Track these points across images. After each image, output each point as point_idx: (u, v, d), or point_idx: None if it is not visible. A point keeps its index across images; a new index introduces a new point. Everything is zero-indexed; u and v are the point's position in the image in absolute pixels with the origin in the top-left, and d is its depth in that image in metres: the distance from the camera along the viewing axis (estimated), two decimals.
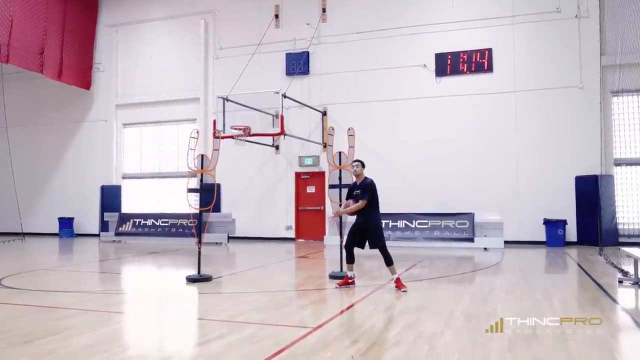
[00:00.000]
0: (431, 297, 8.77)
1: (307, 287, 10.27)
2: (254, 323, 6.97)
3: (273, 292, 9.49)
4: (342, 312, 7.90)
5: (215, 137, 11.78)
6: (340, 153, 11.33)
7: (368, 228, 9.55)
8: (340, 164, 11.30)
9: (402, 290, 9.23)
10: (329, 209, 19.70)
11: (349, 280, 9.81)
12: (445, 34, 19.60)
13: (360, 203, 9.49)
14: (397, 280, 9.43)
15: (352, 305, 8.24)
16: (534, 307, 7.73)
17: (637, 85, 16.52)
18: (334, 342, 6.12)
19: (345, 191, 10.78)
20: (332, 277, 10.73)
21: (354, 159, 10.04)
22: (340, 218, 11.04)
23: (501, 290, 9.57)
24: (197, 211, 11.28)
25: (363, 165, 9.84)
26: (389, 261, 9.50)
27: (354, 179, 9.89)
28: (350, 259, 9.80)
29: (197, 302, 9.17)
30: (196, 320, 7.72)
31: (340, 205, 10.76)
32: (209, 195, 11.37)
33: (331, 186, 11.46)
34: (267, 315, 7.50)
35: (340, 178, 11.25)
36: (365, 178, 9.74)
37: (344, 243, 10.70)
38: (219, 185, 20.87)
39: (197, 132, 11.55)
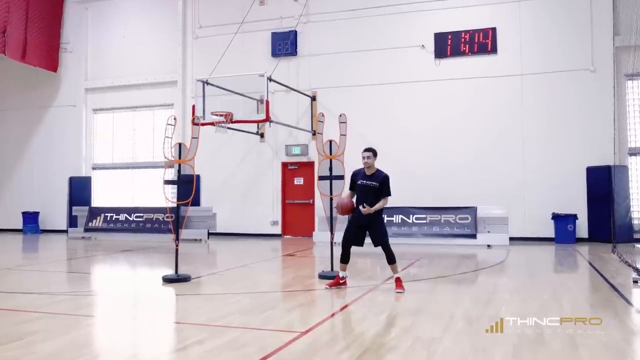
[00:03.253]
0: (429, 299, 8.79)
1: (294, 288, 10.25)
2: (236, 327, 6.94)
3: (257, 294, 9.47)
4: (332, 315, 7.89)
5: (194, 123, 11.68)
6: (330, 141, 11.23)
7: (371, 223, 9.49)
8: (330, 153, 11.20)
9: (398, 290, 9.23)
10: (319, 203, 19.70)
11: (340, 281, 9.76)
12: (446, 12, 19.59)
13: (385, 201, 9.42)
14: (397, 280, 9.43)
15: (343, 308, 8.23)
16: (541, 309, 7.74)
17: None
18: (324, 347, 6.09)
19: (337, 183, 10.79)
20: (322, 276, 10.72)
21: (366, 147, 9.73)
22: (331, 211, 11.03)
23: (505, 291, 9.60)
24: (175, 205, 11.23)
25: (375, 154, 9.63)
26: (391, 259, 9.47)
27: (342, 169, 9.92)
28: (345, 258, 9.70)
29: (174, 305, 9.12)
30: (173, 324, 7.69)
31: (331, 199, 10.83)
32: (188, 187, 11.31)
33: (321, 177, 11.31)
34: (251, 319, 7.46)
35: (330, 169, 11.12)
36: (379, 170, 9.62)
37: (332, 239, 10.74)
38: (198, 176, 20.79)
39: (175, 119, 11.48)
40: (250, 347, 6.06)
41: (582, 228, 17.85)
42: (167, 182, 11.50)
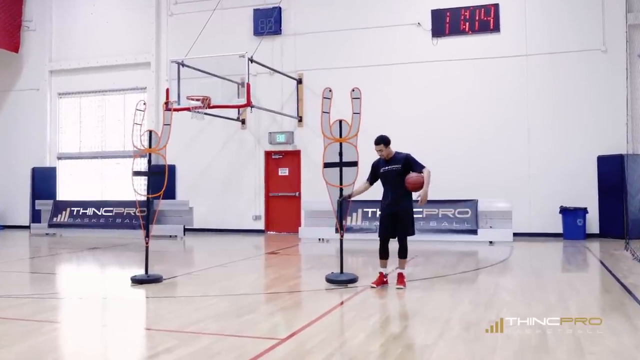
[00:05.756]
0: (424, 301, 8.75)
1: (277, 289, 10.21)
2: (210, 334, 6.88)
3: (235, 296, 9.38)
4: (317, 319, 7.78)
5: (165, 109, 11.57)
6: (340, 122, 10.64)
7: (402, 210, 9.71)
8: (340, 135, 10.60)
9: (398, 287, 9.51)
10: (305, 196, 19.64)
11: (384, 279, 9.91)
12: None
13: (427, 173, 9.59)
14: (400, 276, 9.69)
15: (330, 312, 8.15)
16: (546, 312, 7.66)
17: None
18: (306, 356, 6.04)
19: (349, 170, 10.40)
20: (330, 280, 10.22)
21: (375, 140, 9.84)
22: (341, 204, 10.60)
23: (508, 292, 9.56)
24: (145, 198, 11.14)
25: (386, 142, 9.84)
26: (404, 253, 9.76)
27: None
28: (385, 254, 9.92)
29: (143, 308, 9.11)
30: (141, 330, 7.60)
31: (341, 195, 10.50)
32: (159, 179, 11.22)
33: (328, 165, 10.66)
34: (227, 324, 7.41)
35: (340, 154, 10.49)
36: (398, 152, 9.92)
37: (342, 237, 10.49)
38: (173, 167, 20.75)
39: (144, 104, 11.38)
40: (225, 355, 6.01)
41: (592, 223, 17.85)
42: (137, 173, 11.40)
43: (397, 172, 9.66)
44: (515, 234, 17.06)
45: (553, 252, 15.41)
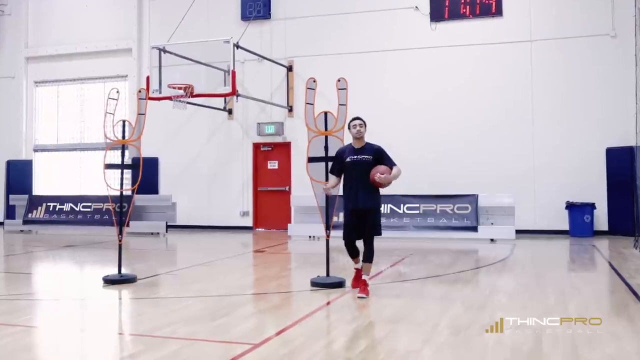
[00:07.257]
0: (413, 304, 8.60)
1: (258, 290, 10.14)
2: (179, 338, 6.75)
3: (213, 297, 9.25)
4: (295, 323, 7.62)
5: (140, 97, 11.42)
6: (326, 114, 10.36)
7: (372, 209, 9.33)
8: (326, 128, 10.34)
9: (360, 295, 8.89)
10: (295, 190, 19.49)
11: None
12: None
13: (399, 170, 9.25)
14: (364, 284, 9.10)
15: (310, 314, 7.99)
16: (543, 316, 7.50)
17: None
18: None
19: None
20: (316, 284, 10.15)
21: (354, 116, 9.47)
22: (326, 202, 10.32)
23: (505, 293, 9.47)
24: (118, 193, 11.03)
25: (365, 122, 9.49)
26: (370, 257, 9.20)
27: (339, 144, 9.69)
28: (355, 252, 9.46)
29: (112, 310, 8.96)
30: (106, 334, 7.44)
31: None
32: (136, 172, 11.12)
33: (312, 159, 10.47)
34: (199, 328, 7.29)
35: (326, 147, 10.23)
36: (369, 143, 9.44)
37: (329, 236, 10.21)
38: (155, 160, 20.55)
39: (118, 92, 11.28)
40: None
41: (600, 219, 17.75)
42: (109, 166, 11.28)
43: (368, 163, 9.19)
44: (518, 231, 16.93)
45: (557, 250, 15.34)
